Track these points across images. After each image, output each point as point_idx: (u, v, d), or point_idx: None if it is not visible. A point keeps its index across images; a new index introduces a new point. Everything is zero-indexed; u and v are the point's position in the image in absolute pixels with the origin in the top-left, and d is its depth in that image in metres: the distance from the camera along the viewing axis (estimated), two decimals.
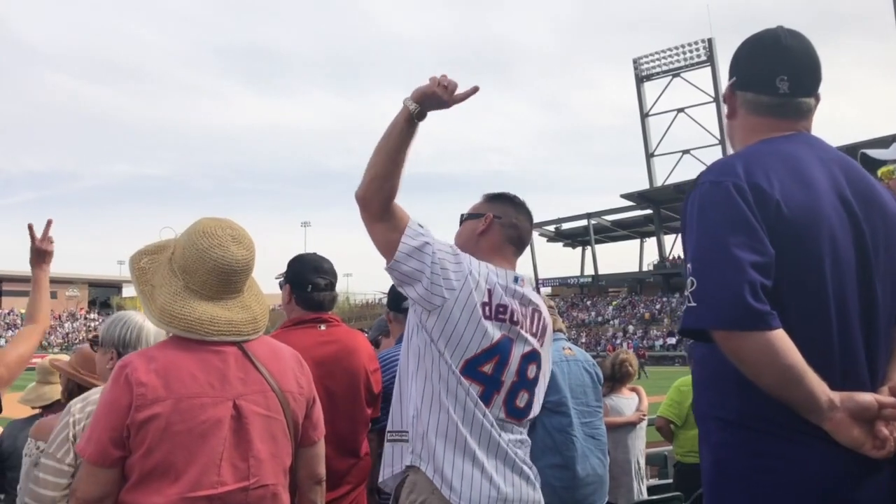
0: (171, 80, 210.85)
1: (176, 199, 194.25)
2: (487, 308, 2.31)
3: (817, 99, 1.92)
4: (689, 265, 1.70)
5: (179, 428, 1.94)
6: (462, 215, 2.64)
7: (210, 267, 2.08)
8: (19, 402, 3.68)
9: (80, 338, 65.86)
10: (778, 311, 1.61)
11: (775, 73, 1.87)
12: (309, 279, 3.16)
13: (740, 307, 1.59)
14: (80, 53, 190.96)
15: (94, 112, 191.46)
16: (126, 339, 2.75)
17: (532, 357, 2.41)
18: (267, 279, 2.76)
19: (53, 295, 77.94)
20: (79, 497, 1.97)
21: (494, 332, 2.31)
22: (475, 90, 2.24)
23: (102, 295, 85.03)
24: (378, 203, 2.22)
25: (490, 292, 2.32)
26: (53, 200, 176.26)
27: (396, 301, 3.52)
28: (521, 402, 2.38)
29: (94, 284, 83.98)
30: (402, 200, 2.27)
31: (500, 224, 2.53)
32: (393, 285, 3.60)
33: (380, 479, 2.43)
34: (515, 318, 2.37)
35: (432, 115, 2.23)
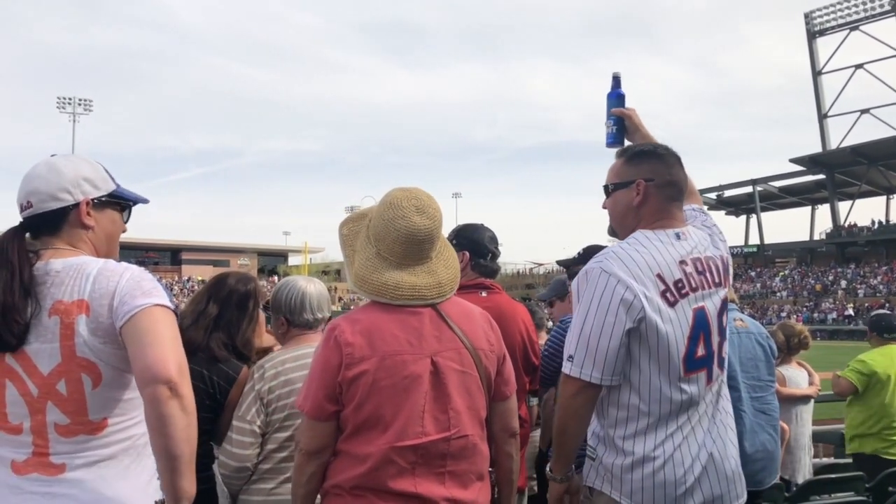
0: (320, 60, 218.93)
1: (330, 173, 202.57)
2: (669, 294, 2.23)
3: None
4: None
5: (385, 383, 2.09)
6: (607, 186, 2.43)
7: (395, 236, 2.20)
8: None
9: None
10: None
11: None
12: (489, 248, 3.33)
13: None
14: (236, 36, 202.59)
15: (251, 92, 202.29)
16: (291, 305, 2.90)
17: (724, 307, 2.39)
18: None
19: (226, 263, 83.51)
20: (302, 448, 2.15)
21: (687, 314, 2.25)
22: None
23: (270, 263, 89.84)
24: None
25: (661, 277, 2.23)
26: (220, 176, 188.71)
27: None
28: (724, 351, 2.42)
29: (262, 254, 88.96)
30: (545, 168, 2.17)
31: (656, 186, 2.34)
32: (587, 248, 3.54)
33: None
34: (694, 285, 2.28)
35: (575, 83, 2.14)
